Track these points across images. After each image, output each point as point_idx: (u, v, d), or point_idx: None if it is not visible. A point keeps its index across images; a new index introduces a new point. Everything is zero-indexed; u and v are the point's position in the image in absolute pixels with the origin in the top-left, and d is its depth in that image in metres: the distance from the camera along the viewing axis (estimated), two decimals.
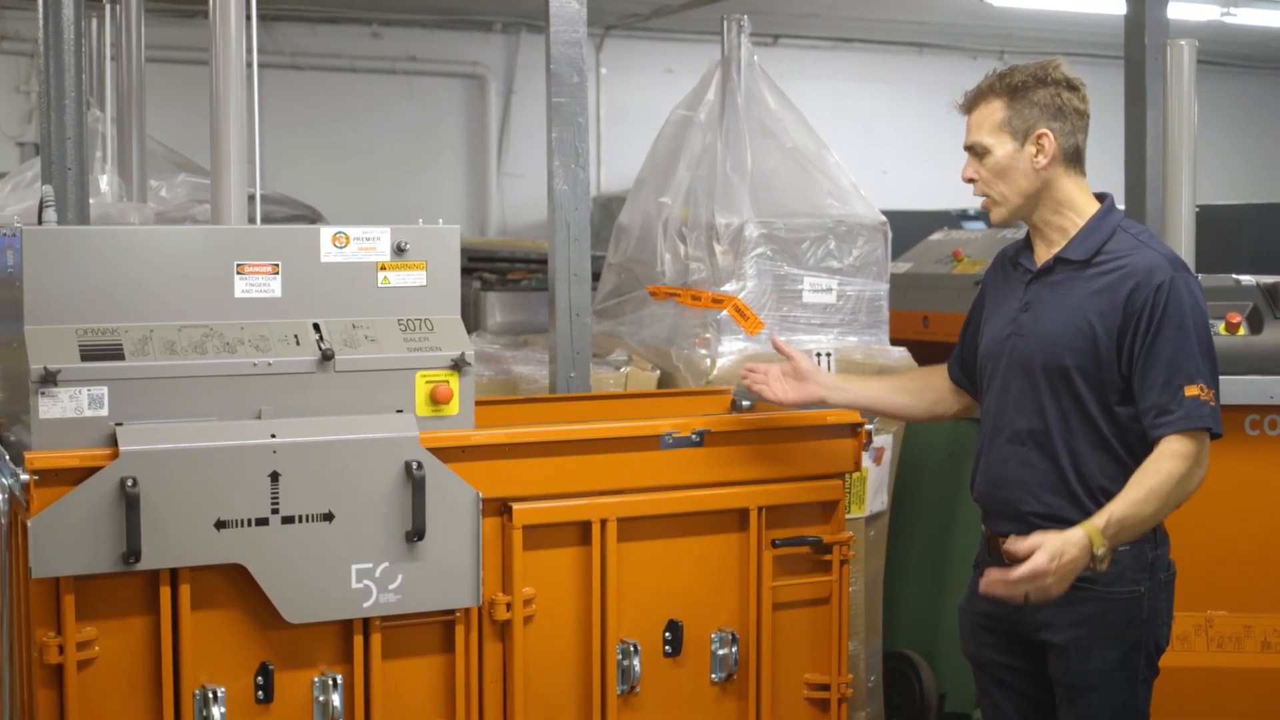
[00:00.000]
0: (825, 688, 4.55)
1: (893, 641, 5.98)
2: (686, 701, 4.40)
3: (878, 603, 5.75)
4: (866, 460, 5.36)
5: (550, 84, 5.09)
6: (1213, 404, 3.64)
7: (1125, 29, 6.74)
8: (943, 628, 5.95)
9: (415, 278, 4.13)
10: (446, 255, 4.17)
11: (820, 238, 5.57)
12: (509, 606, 4.12)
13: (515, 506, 4.12)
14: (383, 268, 4.10)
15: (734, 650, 4.43)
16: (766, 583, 4.44)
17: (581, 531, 4.23)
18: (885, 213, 5.78)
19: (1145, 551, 3.73)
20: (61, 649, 3.71)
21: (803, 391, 4.30)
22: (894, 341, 5.78)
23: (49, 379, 3.69)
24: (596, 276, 6.12)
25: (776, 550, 4.45)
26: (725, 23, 5.81)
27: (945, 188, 13.96)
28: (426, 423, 4.03)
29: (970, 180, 3.88)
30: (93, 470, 3.68)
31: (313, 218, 6.16)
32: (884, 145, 14.35)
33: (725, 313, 5.42)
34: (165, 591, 3.79)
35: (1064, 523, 3.67)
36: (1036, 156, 3.79)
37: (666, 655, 4.37)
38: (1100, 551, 3.54)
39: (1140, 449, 3.69)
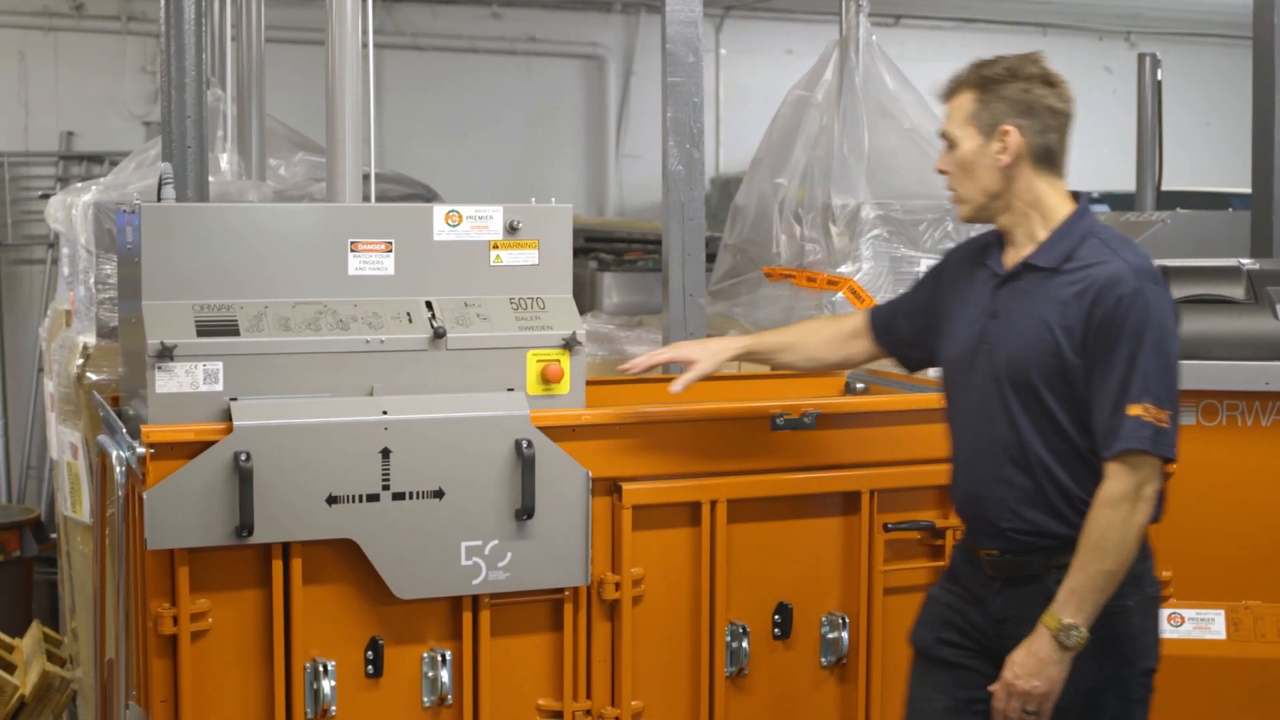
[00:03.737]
0: None
1: None
2: (795, 684, 4.38)
3: None
4: None
5: (665, 63, 5.07)
6: (1161, 424, 3.42)
7: (1254, 7, 6.60)
8: None
9: (527, 256, 4.14)
10: (559, 234, 4.17)
11: (937, 219, 5.52)
12: (618, 586, 4.12)
13: (625, 486, 4.11)
14: (495, 246, 4.10)
15: (844, 634, 4.40)
16: (878, 567, 4.41)
17: (691, 512, 4.21)
18: None
19: (1132, 566, 3.52)
20: (176, 620, 3.77)
21: (697, 371, 4.13)
22: None
23: (165, 354, 3.74)
24: (713, 258, 6.10)
25: (888, 534, 4.41)
26: (843, 2, 5.77)
27: (1069, 170, 13.83)
28: (537, 401, 4.04)
29: (942, 172, 3.71)
30: (207, 444, 3.72)
31: (428, 196, 6.19)
32: None
33: (841, 295, 5.38)
34: (277, 565, 3.84)
35: (1046, 537, 3.56)
36: (1000, 154, 3.59)
37: (776, 638, 4.35)
38: (1066, 622, 3.42)
39: None
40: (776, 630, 4.35)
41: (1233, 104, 12.99)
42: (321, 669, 3.89)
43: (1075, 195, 3.69)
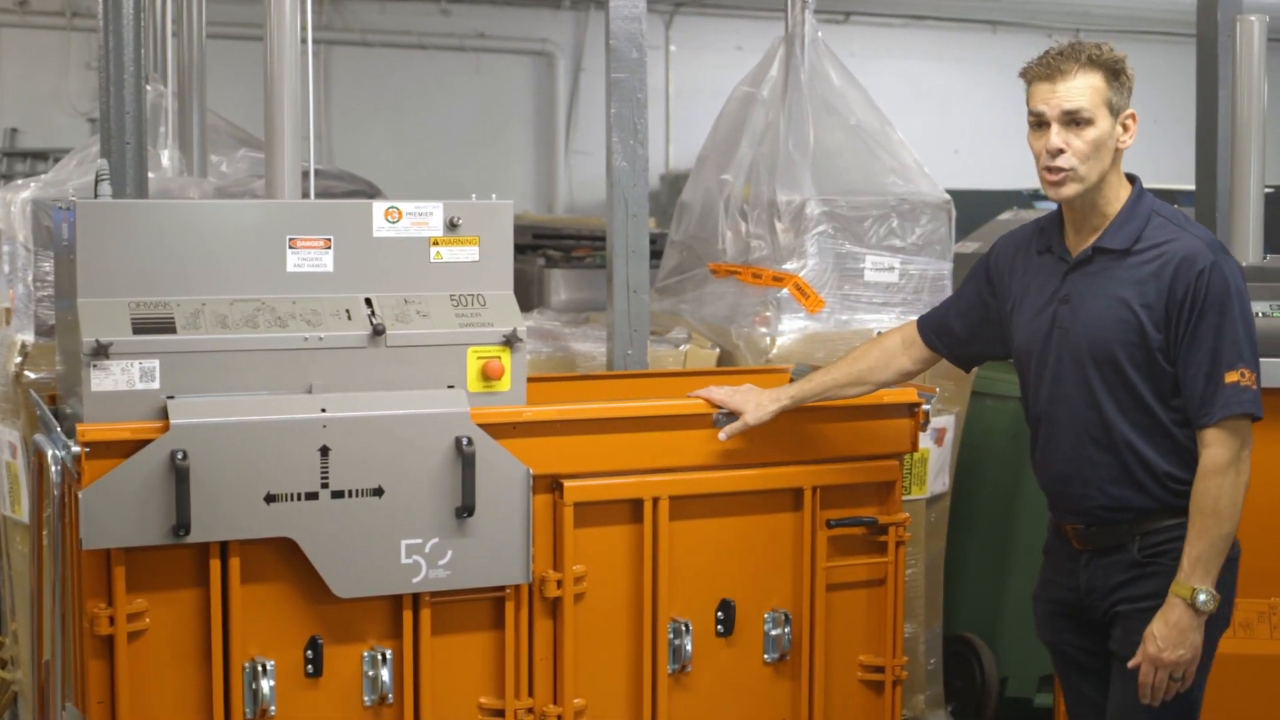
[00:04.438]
0: (880, 670, 4.52)
1: (953, 624, 5.92)
2: (738, 681, 4.37)
3: (938, 585, 5.70)
4: (927, 441, 5.31)
5: (609, 59, 5.05)
6: (1253, 388, 3.60)
7: (1198, 6, 6.63)
8: (1005, 611, 5.89)
9: (468, 253, 4.12)
10: (500, 231, 4.15)
11: (883, 216, 5.51)
12: (559, 584, 4.11)
13: (566, 483, 4.10)
14: (435, 243, 4.08)
15: (787, 631, 4.39)
16: (820, 563, 4.40)
17: (633, 509, 4.20)
18: (956, 192, 5.71)
19: None
20: (112, 620, 3.74)
21: (756, 416, 4.25)
22: None
23: (101, 351, 3.71)
24: (661, 254, 6.09)
25: (831, 531, 4.41)
26: None
27: (1017, 167, 13.86)
28: (478, 399, 4.02)
29: (1058, 150, 3.66)
30: (143, 443, 3.69)
31: (372, 193, 6.15)
32: (957, 124, 14.23)
33: (786, 291, 5.37)
34: (215, 564, 3.81)
35: (1132, 512, 3.69)
36: (1123, 137, 3.71)
37: (718, 635, 4.34)
38: (1198, 589, 3.57)
39: None
40: (719, 627, 4.34)
41: (1179, 102, 13.06)
42: (260, 669, 3.86)
43: (1131, 177, 3.79)
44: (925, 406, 4.50)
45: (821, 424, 4.40)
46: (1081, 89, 3.66)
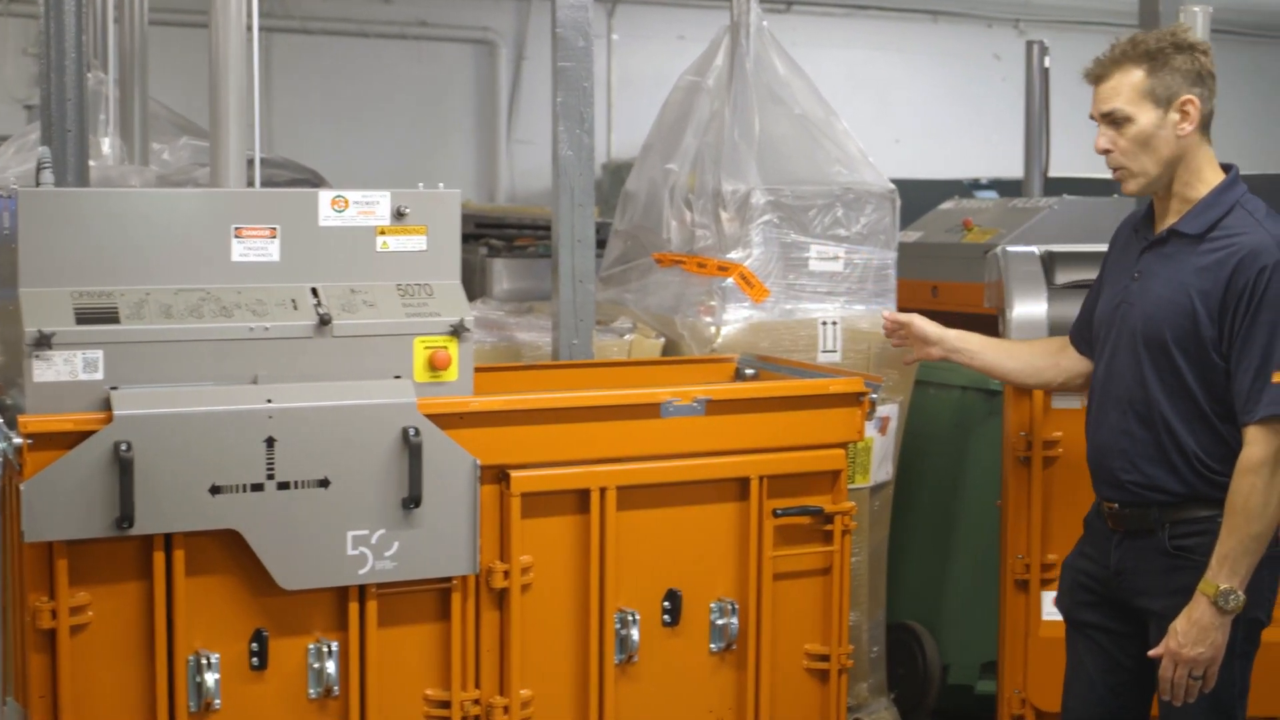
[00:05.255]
0: (825, 658, 4.53)
1: (896, 613, 5.95)
2: (685, 671, 4.38)
3: (882, 573, 5.72)
4: (871, 430, 5.32)
5: (556, 48, 5.04)
6: None
7: None
8: (947, 599, 5.92)
9: (415, 242, 4.10)
10: (447, 220, 4.13)
11: (827, 205, 5.52)
12: (506, 574, 4.10)
13: (513, 474, 4.09)
14: (382, 232, 4.06)
15: (733, 620, 4.40)
16: (767, 552, 4.41)
17: (580, 500, 4.20)
18: (897, 181, 5.73)
19: None
20: (54, 614, 3.69)
21: (923, 352, 4.31)
22: (902, 310, 5.71)
23: (43, 342, 3.67)
24: (604, 243, 6.08)
25: (778, 520, 4.42)
26: None
27: (958, 157, 13.92)
28: (425, 389, 4.00)
29: (1105, 151, 3.76)
30: (87, 434, 3.65)
31: (316, 182, 6.11)
32: (898, 114, 14.26)
33: (731, 280, 5.38)
34: (159, 557, 3.77)
35: (1161, 492, 3.73)
36: (1181, 124, 3.71)
37: (665, 625, 4.34)
38: (1224, 588, 3.57)
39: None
40: (666, 617, 4.34)
41: None
42: (205, 662, 3.84)
43: (1226, 167, 3.80)
44: (872, 395, 4.51)
45: (768, 413, 4.40)
46: (1114, 89, 3.73)
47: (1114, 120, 3.74)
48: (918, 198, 7.77)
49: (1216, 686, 3.71)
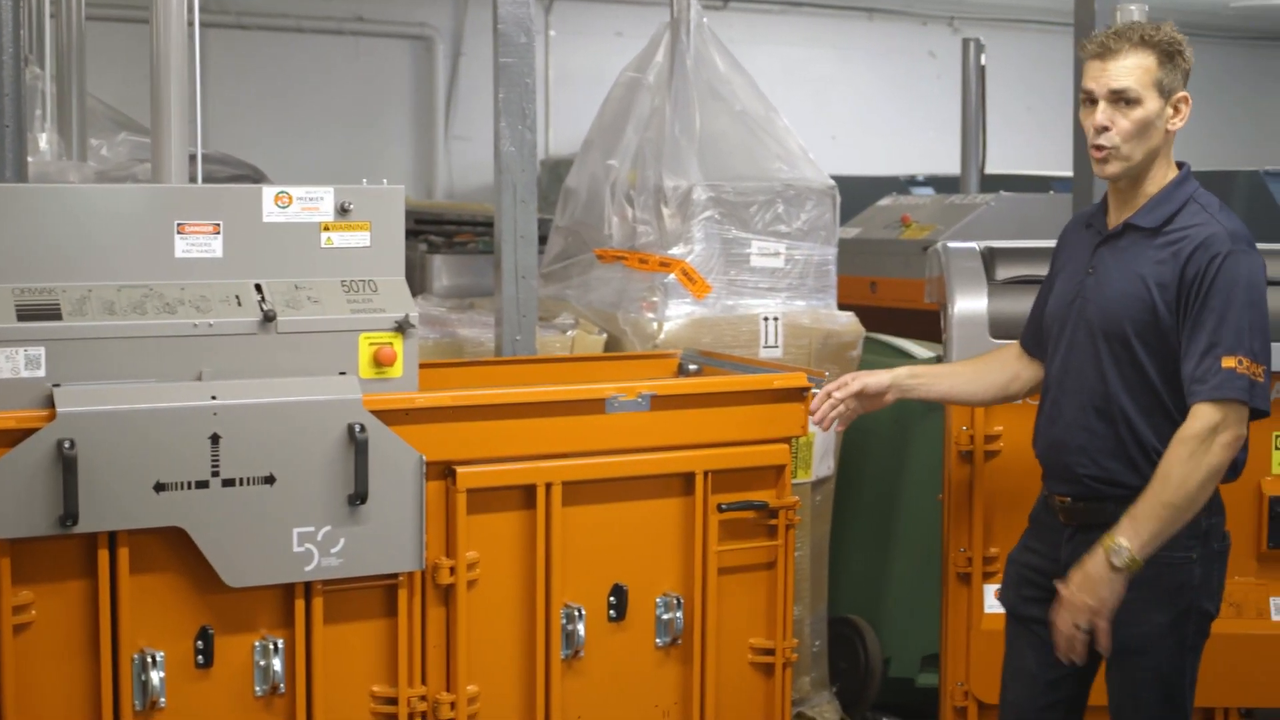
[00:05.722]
0: (770, 652, 4.55)
1: (838, 607, 5.98)
2: (630, 666, 4.39)
3: (823, 568, 5.75)
4: (813, 425, 5.34)
5: (497, 44, 5.03)
6: (1255, 378, 3.60)
7: None
8: (887, 593, 5.95)
9: (359, 238, 4.09)
10: (391, 216, 4.13)
11: (768, 201, 5.55)
12: (452, 570, 4.10)
13: (459, 470, 4.09)
14: (326, 228, 4.05)
15: (679, 615, 4.41)
16: (712, 547, 4.43)
17: (526, 495, 4.20)
18: (834, 178, 5.76)
19: (1199, 520, 3.70)
20: None
21: (878, 404, 4.31)
22: (842, 306, 5.77)
23: None
24: (544, 240, 6.08)
25: (722, 515, 4.44)
26: None
27: (895, 153, 14.00)
28: (370, 385, 4.00)
29: (1103, 128, 3.73)
30: (29, 432, 3.63)
31: (256, 177, 6.09)
32: (834, 111, 14.32)
33: (673, 276, 5.39)
34: (104, 555, 3.75)
35: (1118, 486, 3.75)
36: (1173, 119, 3.76)
37: (611, 620, 4.35)
38: (1119, 542, 3.58)
39: None
40: (612, 612, 4.35)
41: (1054, 88, 13.25)
42: (150, 660, 3.82)
43: (1179, 164, 3.84)
44: (814, 390, 4.53)
45: (712, 409, 4.42)
46: (1130, 68, 3.72)
47: (1122, 99, 3.73)
48: (855, 194, 7.82)
49: (1168, 676, 3.76)
